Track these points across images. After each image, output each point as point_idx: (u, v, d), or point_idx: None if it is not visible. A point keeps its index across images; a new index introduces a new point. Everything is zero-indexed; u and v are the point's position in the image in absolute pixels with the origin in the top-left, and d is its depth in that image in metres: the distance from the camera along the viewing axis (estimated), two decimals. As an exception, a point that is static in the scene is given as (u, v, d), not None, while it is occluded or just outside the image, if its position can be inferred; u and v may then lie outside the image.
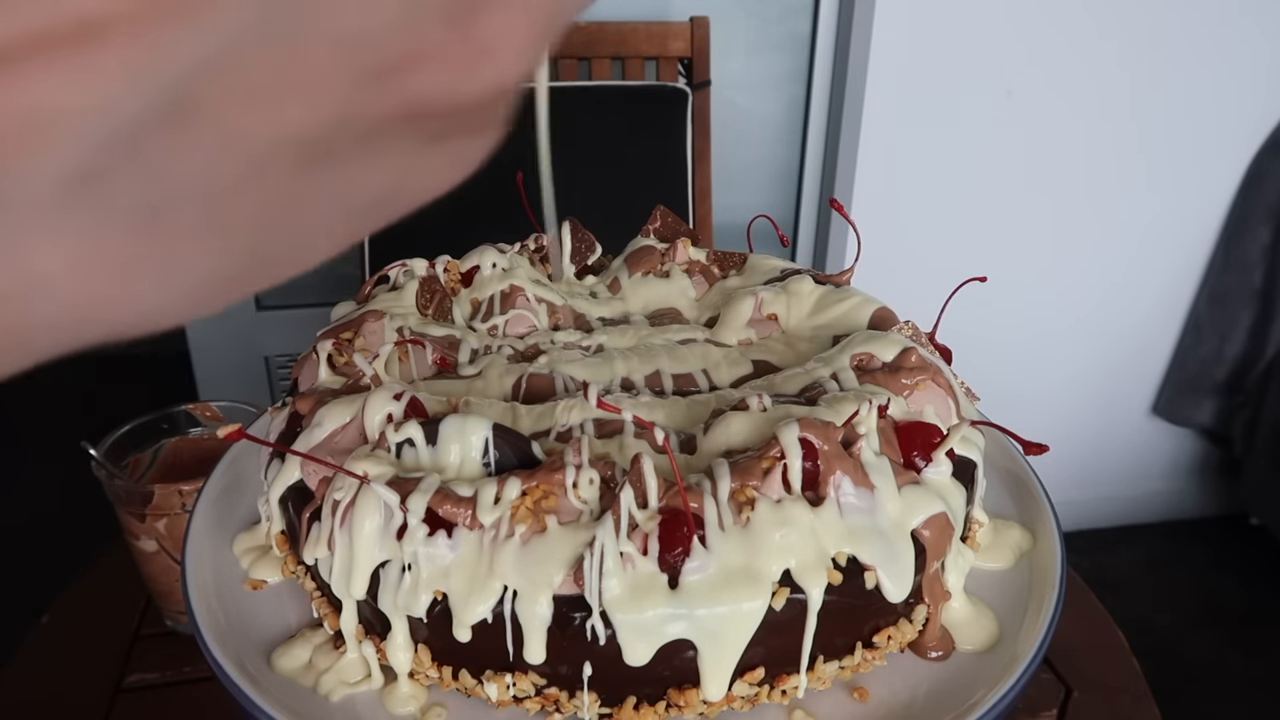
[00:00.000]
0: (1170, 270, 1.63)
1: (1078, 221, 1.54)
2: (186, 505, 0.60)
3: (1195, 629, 1.64)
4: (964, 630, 0.44)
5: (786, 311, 0.55)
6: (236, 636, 0.44)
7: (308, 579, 0.45)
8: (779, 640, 0.39)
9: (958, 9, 1.34)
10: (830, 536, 0.39)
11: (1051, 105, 1.43)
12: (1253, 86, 1.48)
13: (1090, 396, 1.73)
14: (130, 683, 0.61)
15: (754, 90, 1.49)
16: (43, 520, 1.75)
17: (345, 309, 0.56)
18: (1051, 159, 1.48)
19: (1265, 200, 1.54)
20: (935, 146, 1.44)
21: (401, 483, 0.39)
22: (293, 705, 0.40)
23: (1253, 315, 1.62)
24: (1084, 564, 1.75)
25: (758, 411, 0.43)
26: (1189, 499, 1.89)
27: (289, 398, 0.48)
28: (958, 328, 0.61)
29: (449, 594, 0.38)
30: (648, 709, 0.39)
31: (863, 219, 0.73)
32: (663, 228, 0.65)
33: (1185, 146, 1.51)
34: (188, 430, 0.67)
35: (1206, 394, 1.70)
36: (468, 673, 0.40)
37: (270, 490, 0.45)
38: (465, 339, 0.54)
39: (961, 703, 0.40)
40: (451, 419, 0.41)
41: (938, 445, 0.43)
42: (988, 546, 0.49)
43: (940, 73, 1.39)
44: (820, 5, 1.42)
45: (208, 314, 0.15)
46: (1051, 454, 0.42)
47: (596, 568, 0.36)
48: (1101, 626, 0.66)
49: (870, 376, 0.46)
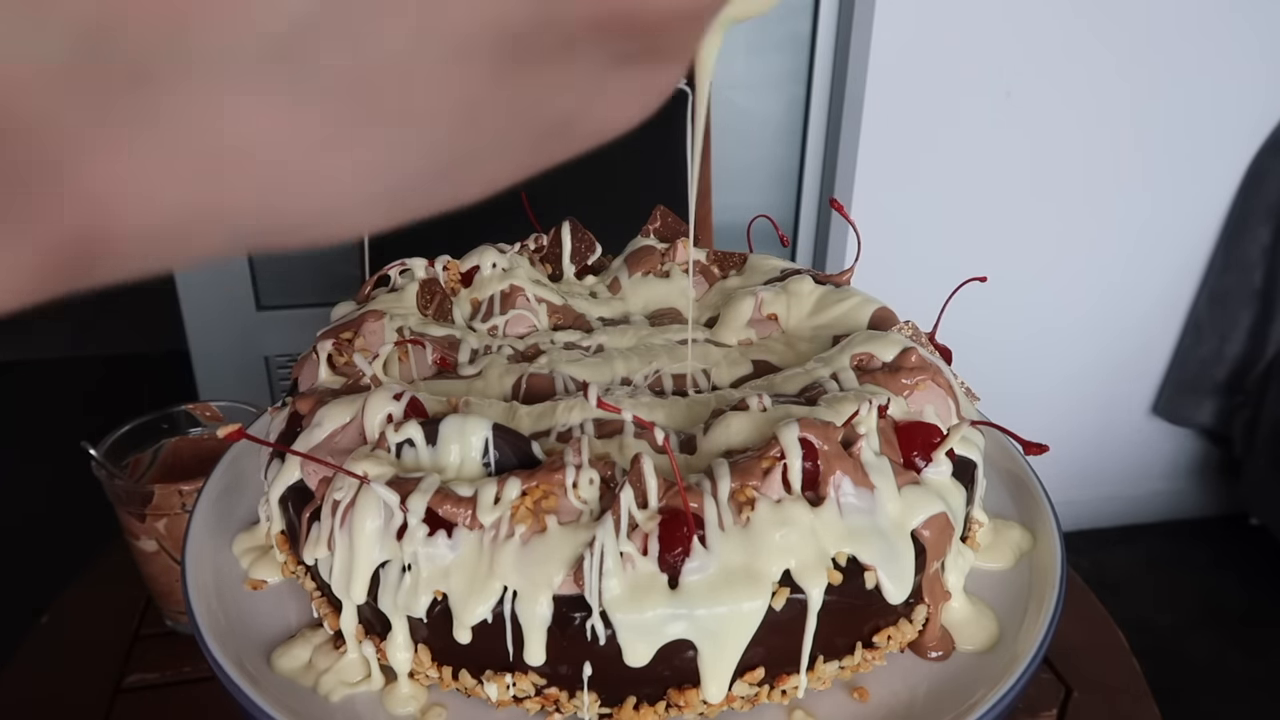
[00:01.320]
0: (1170, 270, 1.63)
1: (1078, 221, 1.54)
2: (186, 505, 0.60)
3: (1195, 629, 1.64)
4: (964, 630, 0.44)
5: (786, 311, 0.55)
6: (236, 636, 0.44)
7: (308, 579, 0.45)
8: (779, 640, 0.39)
9: (958, 9, 1.34)
10: (830, 536, 0.39)
11: (1051, 105, 1.43)
12: (1253, 86, 1.48)
13: (1090, 396, 1.73)
14: (130, 683, 0.61)
15: (754, 90, 1.49)
16: (42, 520, 1.75)
17: (345, 309, 0.56)
18: (1051, 159, 1.48)
19: (1265, 200, 1.54)
20: (935, 146, 1.44)
21: (401, 483, 0.39)
22: (293, 705, 0.40)
23: (1253, 315, 1.62)
24: (1084, 564, 1.75)
25: (758, 411, 0.43)
26: (1189, 499, 1.89)
27: (289, 398, 0.48)
28: (958, 328, 0.61)
29: (449, 594, 0.38)
30: (648, 709, 0.39)
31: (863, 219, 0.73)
32: (663, 228, 0.65)
33: (1185, 146, 1.51)
34: (188, 430, 0.67)
35: (1206, 394, 1.70)
36: (468, 673, 0.40)
37: (270, 490, 0.45)
38: (465, 339, 0.54)
39: (961, 703, 0.40)
40: (451, 419, 0.41)
41: (938, 445, 0.43)
42: (988, 546, 0.49)
43: (940, 73, 1.39)
44: (820, 5, 1.42)
45: (383, 227, 0.15)
46: (1051, 454, 0.42)
47: (596, 568, 0.36)
48: (1101, 626, 0.66)
49: (870, 376, 0.46)
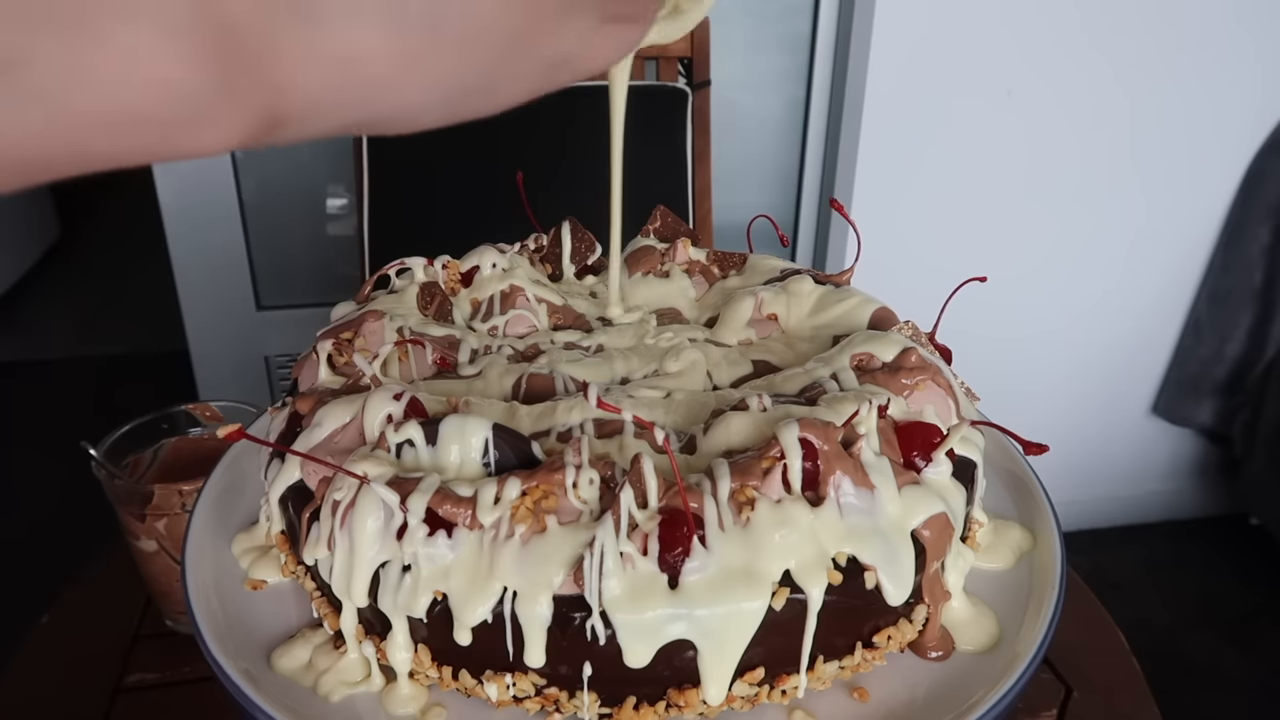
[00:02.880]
0: (1170, 270, 1.63)
1: (1078, 221, 1.54)
2: (186, 505, 0.60)
3: (1195, 629, 1.64)
4: (964, 630, 0.44)
5: (786, 311, 0.55)
6: (236, 636, 0.44)
7: (308, 579, 0.45)
8: (779, 640, 0.39)
9: (958, 9, 1.34)
10: (830, 536, 0.39)
11: (1051, 105, 1.43)
12: (1252, 87, 1.48)
13: (1090, 396, 1.73)
14: (130, 683, 0.61)
15: (754, 90, 1.49)
16: (42, 520, 1.75)
17: (345, 309, 0.56)
18: (1051, 159, 1.48)
19: (1265, 200, 1.54)
20: (935, 146, 1.44)
21: (401, 483, 0.39)
22: (293, 705, 0.40)
23: (1253, 315, 1.62)
24: (1084, 564, 1.75)
25: (758, 411, 0.43)
26: (1189, 499, 1.89)
27: (289, 398, 0.48)
28: (958, 327, 0.61)
29: (449, 594, 0.38)
30: (648, 709, 0.39)
31: (863, 219, 0.73)
32: (663, 228, 0.65)
33: (1185, 146, 1.51)
34: (188, 430, 0.67)
35: (1206, 394, 1.70)
36: (468, 673, 0.40)
37: (270, 490, 0.45)
38: (465, 339, 0.54)
39: (961, 703, 0.40)
40: (451, 419, 0.41)
41: (938, 445, 0.43)
42: (988, 546, 0.49)
43: (940, 73, 1.39)
44: (820, 5, 1.42)
45: (448, 121, 0.21)
46: (1051, 454, 0.42)
47: (596, 568, 0.36)
48: (1101, 626, 0.66)
49: (870, 376, 0.46)
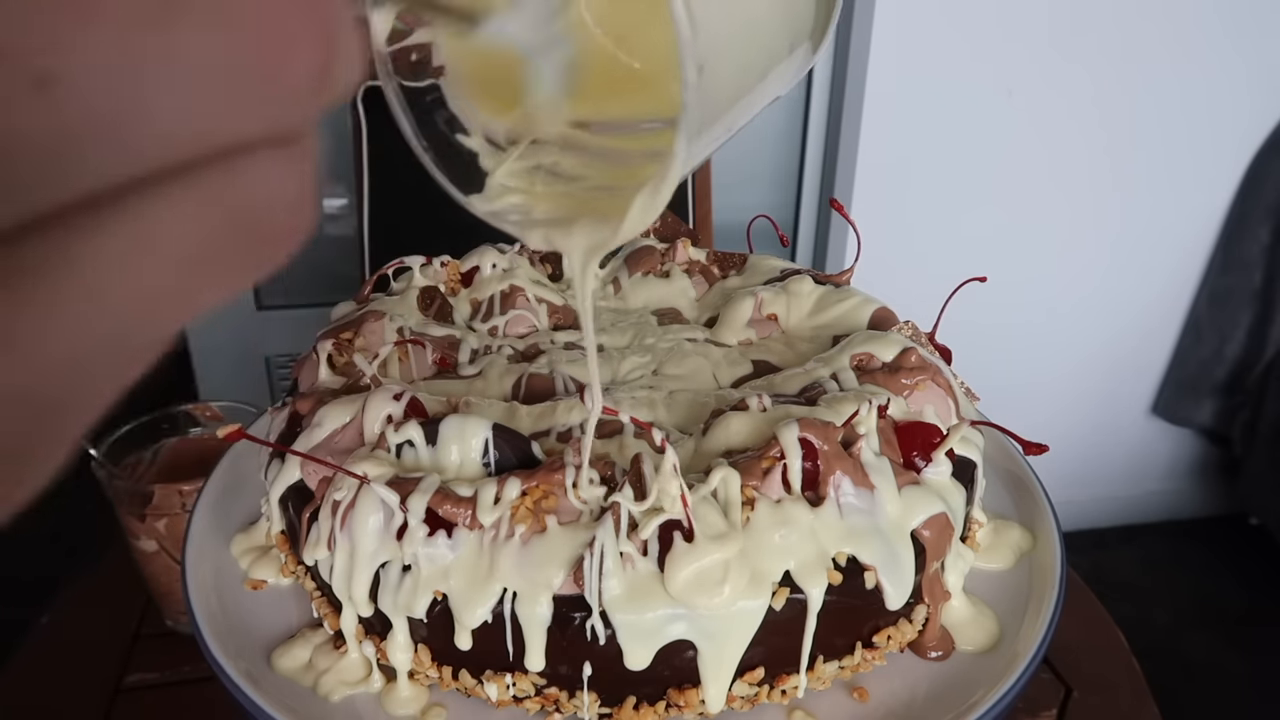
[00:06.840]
0: (1170, 270, 1.63)
1: (1077, 221, 1.54)
2: (186, 505, 0.60)
3: (1194, 629, 1.64)
4: (964, 630, 0.44)
5: (786, 311, 0.55)
6: (236, 636, 0.44)
7: (308, 579, 0.45)
8: (779, 640, 0.39)
9: (958, 9, 1.34)
10: (830, 537, 0.39)
11: (1051, 105, 1.43)
12: (1252, 86, 1.48)
13: (1090, 396, 1.73)
14: (130, 683, 0.61)
15: (754, 90, 1.49)
16: (43, 520, 1.75)
17: (345, 309, 0.56)
18: (1051, 159, 1.48)
19: (1265, 200, 1.54)
20: (935, 146, 1.44)
21: (401, 483, 0.39)
22: (293, 705, 0.40)
23: (1253, 315, 1.61)
24: (1084, 564, 1.75)
25: (758, 411, 0.43)
26: (1188, 499, 1.89)
27: (289, 398, 0.48)
28: (957, 327, 0.61)
29: (449, 594, 0.38)
30: (648, 709, 0.39)
31: (863, 219, 0.72)
32: (663, 228, 0.65)
33: (1185, 146, 1.51)
34: (188, 430, 0.67)
35: (1206, 394, 1.70)
36: (468, 673, 0.40)
37: (270, 490, 0.45)
38: (465, 339, 0.54)
39: (961, 703, 0.40)
40: (451, 419, 0.41)
41: (938, 445, 0.43)
42: (988, 546, 0.49)
43: (940, 72, 1.39)
44: (820, 5, 1.42)
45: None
46: (1051, 454, 0.42)
47: (596, 568, 0.36)
48: (1101, 626, 0.66)
49: (870, 376, 0.46)
